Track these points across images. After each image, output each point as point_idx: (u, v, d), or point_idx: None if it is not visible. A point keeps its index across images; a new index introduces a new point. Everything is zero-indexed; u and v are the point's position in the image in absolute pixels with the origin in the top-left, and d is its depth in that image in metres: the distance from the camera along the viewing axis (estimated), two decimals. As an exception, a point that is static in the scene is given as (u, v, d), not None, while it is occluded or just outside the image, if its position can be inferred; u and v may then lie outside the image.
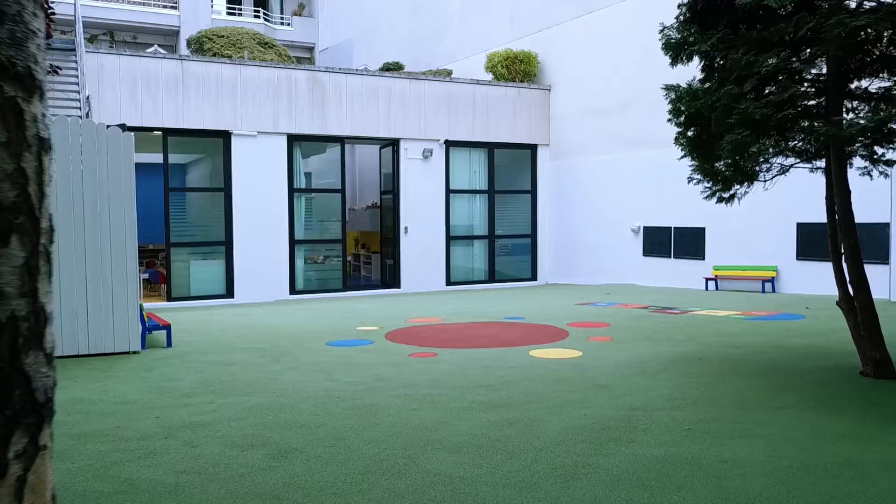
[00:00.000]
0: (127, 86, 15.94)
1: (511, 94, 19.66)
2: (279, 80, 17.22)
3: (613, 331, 10.48)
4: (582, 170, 19.23)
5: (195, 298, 16.69)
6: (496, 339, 10.11)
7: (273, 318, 12.82)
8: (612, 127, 18.34)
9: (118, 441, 5.54)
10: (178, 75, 16.35)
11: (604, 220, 18.65)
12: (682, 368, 7.84)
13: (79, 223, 8.81)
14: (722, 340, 9.50)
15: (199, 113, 16.53)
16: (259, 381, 7.60)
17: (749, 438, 5.38)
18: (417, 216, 18.65)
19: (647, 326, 10.80)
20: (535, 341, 9.77)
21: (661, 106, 17.12)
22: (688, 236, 16.64)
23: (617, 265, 18.31)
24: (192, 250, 17.02)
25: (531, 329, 10.89)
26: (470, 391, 7.02)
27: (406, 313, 13.16)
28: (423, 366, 8.30)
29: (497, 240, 19.75)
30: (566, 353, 8.87)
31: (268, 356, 9.03)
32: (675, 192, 16.87)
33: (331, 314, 13.33)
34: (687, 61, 7.48)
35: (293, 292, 17.49)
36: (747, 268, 15.43)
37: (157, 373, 8.10)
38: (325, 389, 7.19)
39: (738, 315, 11.73)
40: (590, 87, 18.92)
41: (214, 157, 17.45)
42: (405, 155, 18.53)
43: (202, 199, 17.77)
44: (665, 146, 17.60)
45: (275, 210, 17.24)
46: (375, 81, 18.22)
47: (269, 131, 17.15)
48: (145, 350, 9.39)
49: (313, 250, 18.16)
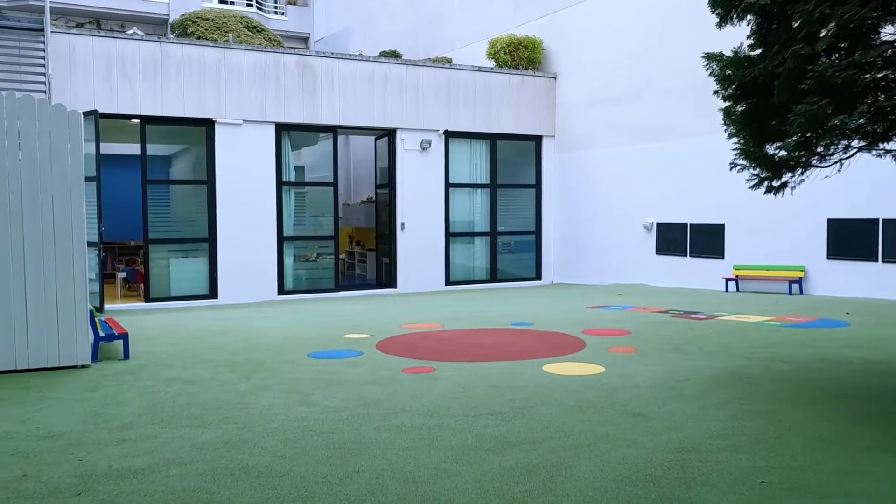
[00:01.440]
0: (101, 69, 14.52)
1: (515, 82, 18.26)
2: (266, 65, 15.81)
3: (635, 340, 9.10)
4: (590, 162, 17.84)
5: (176, 299, 15.30)
6: (503, 350, 8.72)
7: (254, 323, 11.42)
8: (622, 117, 16.94)
9: (15, 499, 4.15)
10: (156, 58, 14.94)
11: (613, 217, 17.26)
12: (727, 390, 6.46)
13: (15, 216, 7.41)
14: (763, 353, 8.12)
15: (180, 99, 15.12)
16: (221, 406, 6.21)
17: (848, 498, 4.00)
18: (415, 212, 17.26)
19: (673, 335, 9.42)
20: (549, 353, 8.38)
21: (675, 94, 15.75)
22: (705, 233, 15.25)
23: (627, 264, 16.92)
24: (173, 247, 15.60)
25: (542, 337, 9.51)
26: (475, 421, 5.63)
27: (401, 317, 11.77)
28: (418, 385, 6.91)
29: (499, 237, 18.35)
30: (586, 369, 7.49)
31: (238, 371, 7.63)
32: (691, 186, 15.48)
33: (319, 318, 11.94)
34: (738, 20, 6.07)
35: (282, 293, 16.10)
36: (772, 267, 14.04)
37: (101, 394, 6.71)
38: (299, 418, 5.81)
39: (771, 321, 10.35)
40: (598, 75, 17.52)
41: (197, 148, 16.05)
42: (402, 146, 17.13)
43: (183, 192, 16.36)
44: (680, 136, 16.30)
45: (262, 205, 15.84)
46: (370, 67, 16.81)
47: (256, 120, 15.74)
48: (96, 363, 8.00)
49: (303, 248, 16.76)
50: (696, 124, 15.35)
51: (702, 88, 15.91)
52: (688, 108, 15.50)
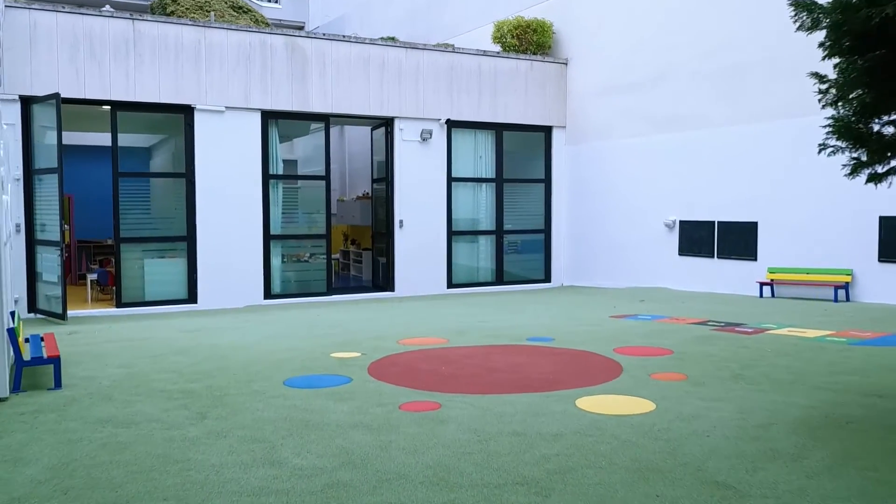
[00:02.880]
0: (66, 49, 12.81)
1: (523, 68, 16.56)
2: (251, 47, 14.10)
3: (681, 362, 7.43)
4: (605, 155, 16.15)
5: (150, 304, 13.60)
6: (523, 376, 7.05)
7: (228, 336, 9.72)
8: (641, 104, 15.26)
9: None
10: (128, 38, 13.23)
11: (630, 214, 15.58)
12: (831, 445, 4.79)
13: None
14: (847, 382, 6.45)
15: (155, 84, 13.41)
16: (155, 467, 4.54)
17: None
18: (414, 208, 15.56)
19: (724, 355, 7.75)
20: (579, 381, 6.71)
21: (701, 78, 13.96)
22: (736, 232, 13.57)
23: (646, 266, 15.25)
24: (147, 247, 13.89)
25: (567, 358, 7.83)
26: (499, 496, 3.97)
27: (398, 329, 10.09)
28: (419, 429, 5.24)
29: (506, 235, 16.67)
30: (631, 405, 5.82)
31: (192, 406, 5.96)
32: (719, 180, 13.81)
33: (304, 330, 10.26)
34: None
35: (268, 297, 14.41)
36: (814, 270, 12.37)
37: (2, 444, 5.03)
38: (256, 489, 4.14)
39: (834, 337, 8.68)
40: (613, 60, 15.83)
41: (176, 138, 14.36)
42: (400, 137, 15.43)
43: (160, 186, 14.66)
44: (707, 125, 14.39)
45: (247, 200, 14.14)
46: (366, 50, 15.11)
47: (240, 107, 14.03)
48: (17, 395, 6.31)
49: (293, 247, 15.06)
50: (724, 111, 13.67)
51: (732, 71, 14.16)
52: (715, 94, 13.83)
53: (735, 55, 13.46)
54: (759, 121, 13.06)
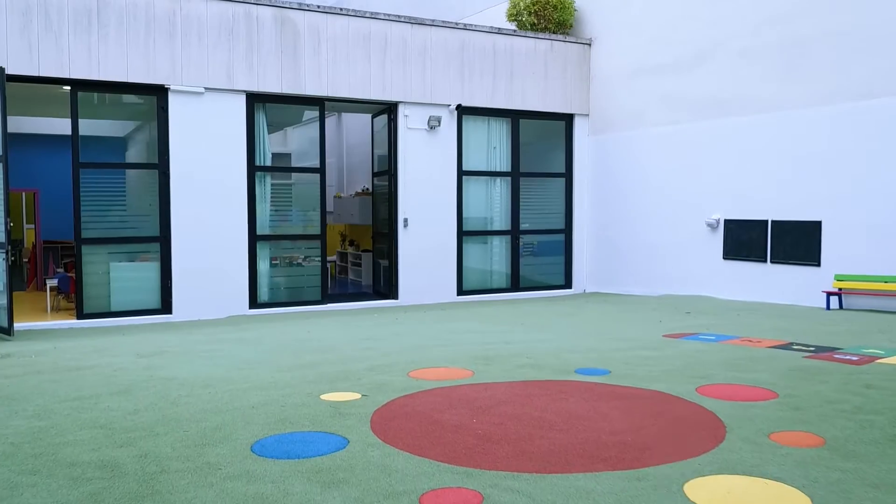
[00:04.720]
0: (16, 19, 10.70)
1: (542, 49, 14.46)
2: (235, 19, 12.00)
3: (797, 412, 5.32)
4: (635, 145, 14.07)
5: (117, 315, 11.53)
6: (589, 437, 4.93)
7: (191, 364, 7.55)
8: (679, 87, 13.18)
9: None
10: (91, 7, 11.12)
11: (665, 212, 13.50)
12: None
13: None
14: None
15: (123, 61, 11.32)
16: None
17: None
18: (420, 205, 13.48)
19: (848, 398, 5.66)
20: (673, 448, 4.60)
21: (752, 55, 11.67)
22: (793, 233, 11.49)
23: (683, 271, 13.18)
24: (114, 248, 11.78)
25: (640, 404, 5.72)
26: None
27: (408, 354, 7.99)
28: (456, 557, 3.14)
29: (522, 236, 14.59)
30: (772, 499, 3.73)
31: (111, 495, 3.85)
32: (773, 173, 11.74)
33: (290, 355, 8.14)
34: None
35: (254, 306, 12.32)
36: (891, 279, 10.30)
37: None
38: None
39: (970, 368, 6.61)
40: (646, 37, 13.74)
41: (147, 123, 12.28)
42: (405, 124, 13.34)
43: (132, 179, 12.55)
44: (759, 109, 11.72)
45: (230, 195, 12.08)
46: (366, 25, 13.00)
47: (221, 88, 11.95)
48: None
49: (282, 249, 12.96)
50: (781, 93, 11.60)
51: (792, 47, 11.88)
52: (770, 74, 11.75)
53: (796, 27, 11.37)
54: (827, 103, 10.98)
